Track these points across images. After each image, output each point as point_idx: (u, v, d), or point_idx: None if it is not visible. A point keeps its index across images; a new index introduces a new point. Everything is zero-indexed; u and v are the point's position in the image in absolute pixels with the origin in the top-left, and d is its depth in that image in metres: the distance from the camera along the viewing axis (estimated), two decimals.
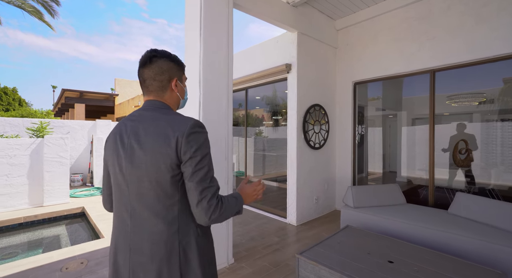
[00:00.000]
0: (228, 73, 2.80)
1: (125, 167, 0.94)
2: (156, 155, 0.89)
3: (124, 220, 0.95)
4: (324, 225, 3.90)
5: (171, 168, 0.89)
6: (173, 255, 0.90)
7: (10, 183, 4.63)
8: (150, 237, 0.90)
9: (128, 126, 0.98)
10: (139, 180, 0.92)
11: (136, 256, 0.91)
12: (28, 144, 4.80)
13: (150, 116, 0.98)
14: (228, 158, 2.78)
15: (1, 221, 4.14)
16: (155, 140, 0.91)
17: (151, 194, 0.91)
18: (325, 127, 4.46)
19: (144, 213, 0.92)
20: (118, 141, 0.98)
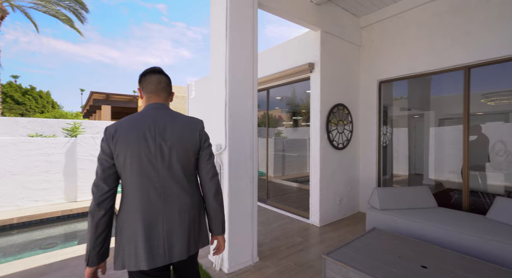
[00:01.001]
0: (253, 72, 2.83)
1: (155, 156, 1.18)
2: (185, 144, 1.24)
3: (153, 201, 1.18)
4: (348, 226, 3.82)
5: (194, 153, 1.28)
6: (195, 221, 1.27)
7: (49, 179, 4.97)
8: (179, 209, 1.22)
9: (150, 120, 1.21)
10: (170, 165, 1.21)
11: (168, 225, 1.20)
12: (63, 143, 5.13)
13: (165, 114, 1.26)
14: (253, 157, 2.81)
15: (41, 214, 4.46)
16: (182, 134, 1.24)
17: (181, 175, 1.24)
18: (349, 127, 4.36)
19: (176, 190, 1.22)
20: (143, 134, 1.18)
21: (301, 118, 5.01)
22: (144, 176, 1.18)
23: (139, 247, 1.15)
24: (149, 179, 1.18)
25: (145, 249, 1.15)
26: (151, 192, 1.18)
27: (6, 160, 4.59)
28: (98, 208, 1.14)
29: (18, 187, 4.68)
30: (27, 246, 3.89)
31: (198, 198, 1.31)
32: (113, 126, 1.20)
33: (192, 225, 1.26)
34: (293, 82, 4.56)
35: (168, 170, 1.21)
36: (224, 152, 2.63)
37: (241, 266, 2.64)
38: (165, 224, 1.19)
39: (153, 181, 1.19)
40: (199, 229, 1.30)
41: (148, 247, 1.15)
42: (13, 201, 4.64)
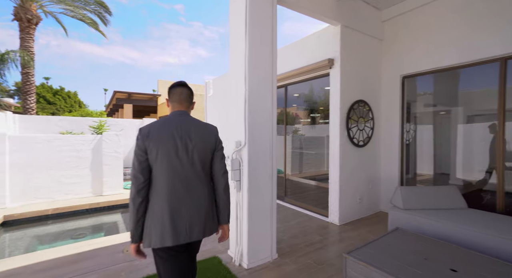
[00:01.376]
0: (273, 69, 2.82)
1: (181, 153, 1.43)
2: (205, 145, 1.50)
3: (178, 189, 1.42)
4: (369, 226, 3.73)
5: (211, 153, 1.55)
6: (208, 210, 1.50)
7: (78, 174, 5.28)
8: (198, 197, 1.46)
9: (178, 124, 1.47)
10: (193, 161, 1.46)
11: (190, 211, 1.43)
12: (90, 140, 5.42)
13: (187, 120, 1.52)
14: (272, 155, 2.81)
15: (72, 206, 4.76)
16: (203, 136, 1.50)
17: (200, 170, 1.49)
18: (370, 124, 4.24)
19: (196, 182, 1.47)
20: (172, 133, 1.43)
21: (319, 115, 4.93)
22: (172, 168, 1.41)
23: (166, 227, 1.37)
24: (175, 171, 1.42)
25: (170, 228, 1.37)
26: (177, 183, 1.42)
27: (42, 155, 4.93)
28: (138, 195, 1.38)
29: (52, 180, 5.01)
30: (60, 235, 4.17)
31: (210, 191, 1.56)
32: (147, 127, 1.44)
33: (206, 213, 1.49)
34: (312, 78, 4.50)
35: (191, 165, 1.46)
36: (243, 148, 2.65)
37: (260, 262, 2.66)
38: (187, 210, 1.43)
39: (179, 173, 1.43)
40: (212, 217, 1.53)
41: (173, 227, 1.38)
42: (48, 194, 4.98)
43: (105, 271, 2.51)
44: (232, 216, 2.85)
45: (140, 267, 2.56)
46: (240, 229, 2.70)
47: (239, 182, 2.70)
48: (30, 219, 4.38)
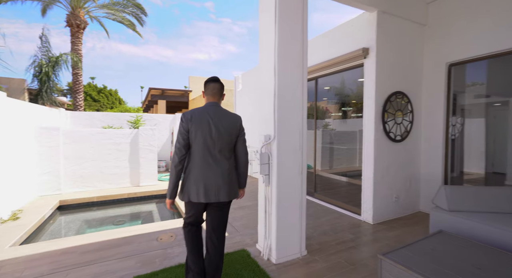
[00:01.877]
0: (303, 62, 2.71)
1: (214, 135, 1.85)
2: (231, 130, 1.92)
3: (209, 163, 1.86)
4: (406, 227, 3.48)
5: (235, 136, 1.96)
6: (231, 180, 1.93)
7: (118, 165, 5.70)
8: (223, 170, 1.88)
9: (211, 113, 1.89)
10: (221, 142, 1.87)
11: (217, 179, 1.85)
12: (128, 134, 5.80)
13: (218, 109, 1.94)
14: (302, 149, 2.73)
15: (113, 195, 5.17)
16: (229, 122, 1.92)
17: (226, 149, 1.92)
18: (409, 118, 3.91)
19: (221, 158, 1.90)
20: (207, 119, 1.86)
21: (350, 109, 4.68)
22: (206, 146, 1.85)
23: (200, 189, 1.82)
24: (208, 149, 1.86)
25: (204, 190, 1.83)
26: (208, 157, 1.86)
27: (87, 147, 5.40)
28: (179, 164, 1.83)
29: (97, 170, 5.48)
30: (104, 221, 4.56)
31: (232, 166, 1.98)
32: (190, 113, 1.88)
33: (230, 181, 1.92)
34: (344, 70, 4.26)
35: (220, 145, 1.88)
36: (273, 142, 2.61)
37: (288, 258, 2.63)
38: (215, 178, 1.86)
39: (210, 150, 1.86)
40: (234, 186, 1.97)
41: (206, 190, 1.83)
42: (93, 182, 5.46)
43: (142, 256, 2.67)
44: (260, 209, 2.85)
45: (172, 256, 2.69)
46: (269, 223, 2.68)
47: (268, 176, 2.67)
48: (80, 205, 4.85)
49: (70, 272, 2.40)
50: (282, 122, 2.59)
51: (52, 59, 5.96)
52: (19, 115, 4.39)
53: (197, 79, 16.55)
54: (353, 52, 3.81)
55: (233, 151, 2.00)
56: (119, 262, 2.57)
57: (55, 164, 5.04)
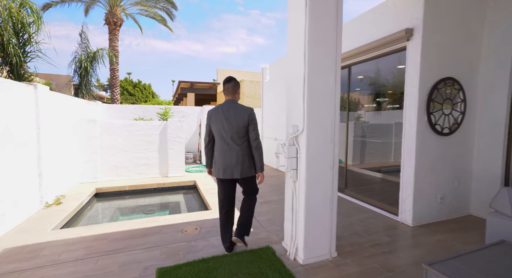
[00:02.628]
0: (337, 45, 2.43)
1: (225, 126, 2.37)
2: (239, 121, 2.36)
3: (225, 148, 2.42)
4: (454, 232, 3.07)
5: (245, 126, 2.38)
6: (244, 161, 2.41)
7: (148, 156, 5.91)
8: (235, 153, 2.38)
9: (225, 109, 2.41)
10: (231, 131, 2.36)
11: (231, 160, 2.37)
12: (158, 125, 5.95)
13: (232, 105, 2.44)
14: (334, 142, 2.48)
15: (144, 185, 5.37)
16: (239, 115, 2.36)
17: (236, 137, 2.38)
18: (460, 108, 3.41)
19: (233, 144, 2.39)
20: (220, 115, 2.40)
21: (386, 100, 4.24)
22: (221, 136, 2.44)
23: (220, 168, 2.44)
24: (222, 137, 2.44)
25: (222, 169, 2.43)
26: (224, 144, 2.44)
27: (120, 139, 5.66)
28: (207, 147, 2.59)
29: (128, 160, 5.73)
30: (135, 209, 4.75)
31: (244, 149, 2.45)
32: (211, 111, 2.50)
33: (241, 162, 2.42)
34: (381, 56, 3.83)
35: (230, 133, 2.41)
36: (301, 134, 2.41)
37: (317, 259, 2.44)
38: (230, 160, 2.41)
39: (224, 138, 2.44)
40: (247, 166, 2.46)
41: (224, 169, 2.43)
42: (126, 172, 5.73)
43: (166, 248, 2.68)
44: (287, 206, 2.68)
45: (196, 249, 2.66)
46: (296, 220, 2.51)
47: (295, 170, 2.48)
48: (113, 193, 5.12)
49: (100, 258, 2.48)
50: (312, 113, 2.37)
51: (90, 54, 6.29)
52: (61, 107, 4.69)
53: (224, 71, 16.62)
54: (393, 35, 3.38)
55: (245, 138, 2.45)
56: (144, 252, 2.60)
57: (92, 153, 5.35)
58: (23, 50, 4.29)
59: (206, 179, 5.83)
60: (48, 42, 4.67)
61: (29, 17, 4.37)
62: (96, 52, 6.45)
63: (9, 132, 3.17)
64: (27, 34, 4.34)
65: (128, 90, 33.11)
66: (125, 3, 14.47)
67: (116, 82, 13.82)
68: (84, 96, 6.31)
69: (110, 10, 13.73)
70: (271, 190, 5.02)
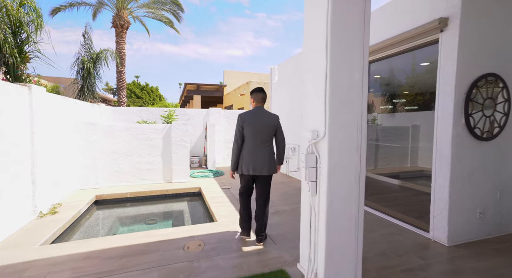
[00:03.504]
0: (364, 35, 2.06)
1: (258, 130, 2.73)
2: (269, 127, 2.78)
3: (255, 149, 2.75)
4: (501, 255, 2.61)
5: (273, 130, 2.82)
6: (270, 159, 2.79)
7: (151, 161, 5.62)
8: (263, 153, 2.76)
9: (257, 114, 2.79)
10: (261, 135, 2.75)
11: (260, 160, 2.73)
12: (161, 129, 5.66)
13: (262, 112, 2.83)
14: (360, 148, 2.10)
15: (146, 192, 5.07)
16: (268, 121, 2.79)
17: (265, 139, 2.78)
18: (503, 109, 2.96)
19: (262, 146, 2.77)
20: (254, 119, 2.75)
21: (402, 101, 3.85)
22: (253, 139, 2.74)
23: (250, 165, 2.71)
24: (254, 140, 2.74)
25: (252, 166, 2.71)
26: (254, 145, 2.74)
27: (122, 143, 5.39)
28: (237, 149, 2.78)
29: (131, 166, 5.45)
30: (136, 219, 4.45)
31: (271, 151, 2.81)
32: (244, 115, 2.78)
33: (269, 162, 2.76)
34: (407, 50, 3.43)
35: (260, 136, 2.74)
36: (322, 140, 2.03)
37: None
38: (259, 159, 2.72)
39: (256, 140, 2.74)
40: (272, 165, 2.80)
41: (253, 166, 2.71)
42: (128, 178, 5.45)
43: (165, 269, 2.34)
44: (304, 223, 2.31)
45: (198, 272, 2.30)
46: (315, 241, 2.13)
47: (315, 183, 2.11)
48: (114, 200, 4.83)
49: None
50: (335, 115, 2.00)
51: (93, 55, 6.07)
52: (60, 110, 4.44)
53: (231, 73, 16.36)
54: (423, 26, 2.98)
55: (271, 140, 2.83)
56: (141, 274, 2.26)
57: (93, 158, 5.09)
58: (20, 50, 4.06)
59: (211, 185, 5.49)
60: (48, 42, 4.40)
61: (27, 15, 4.15)
62: (100, 53, 6.23)
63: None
64: (25, 33, 4.12)
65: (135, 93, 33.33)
66: (132, 6, 14.47)
67: (122, 85, 13.74)
68: (87, 99, 6.08)
69: (117, 13, 13.73)
70: (281, 198, 4.64)
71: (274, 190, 5.13)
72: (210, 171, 6.93)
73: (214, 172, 6.77)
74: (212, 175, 6.48)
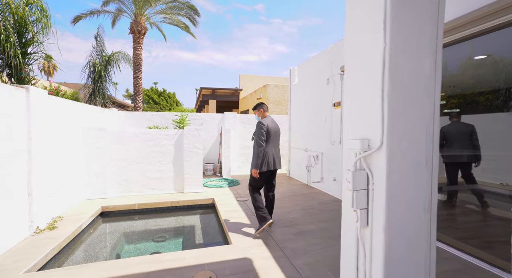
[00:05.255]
0: (439, 6, 1.49)
1: (275, 134, 3.52)
2: (279, 131, 3.62)
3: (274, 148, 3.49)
4: None
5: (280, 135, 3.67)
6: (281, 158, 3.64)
7: (161, 169, 5.22)
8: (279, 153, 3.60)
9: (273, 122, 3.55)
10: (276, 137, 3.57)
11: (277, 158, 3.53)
12: (173, 135, 5.26)
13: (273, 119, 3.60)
14: (432, 164, 1.50)
15: (155, 203, 4.65)
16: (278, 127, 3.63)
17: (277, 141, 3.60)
18: None
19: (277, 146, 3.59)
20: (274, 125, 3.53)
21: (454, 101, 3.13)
22: (272, 141, 3.45)
23: (271, 162, 3.39)
24: (273, 143, 3.48)
25: (273, 163, 3.42)
26: (272, 146, 3.46)
27: (132, 149, 5.04)
28: (261, 149, 3.33)
29: (141, 174, 5.09)
30: (144, 235, 4.01)
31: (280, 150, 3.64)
32: (266, 122, 3.43)
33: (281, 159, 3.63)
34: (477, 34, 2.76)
35: (276, 139, 3.53)
36: (377, 153, 1.46)
37: None
38: (277, 156, 3.51)
39: (274, 143, 3.49)
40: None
41: (274, 163, 3.44)
42: (138, 187, 5.08)
43: None
44: (346, 261, 1.72)
45: None
46: None
47: (365, 211, 1.53)
48: (121, 212, 4.45)
49: None
50: (396, 118, 1.42)
51: (104, 58, 5.85)
52: (66, 115, 4.15)
53: (247, 77, 16.00)
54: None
55: None
56: None
57: (102, 166, 4.77)
58: (25, 51, 3.82)
59: (226, 196, 4.98)
60: (54, 43, 4.15)
61: (33, 14, 3.92)
62: (111, 56, 6.00)
63: None
64: (30, 33, 3.88)
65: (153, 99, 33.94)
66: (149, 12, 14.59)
67: (139, 91, 13.75)
68: (97, 103, 5.84)
69: (134, 19, 13.89)
70: (305, 215, 4.03)
71: (294, 203, 4.55)
72: (225, 180, 6.45)
73: (229, 181, 6.28)
74: (227, 184, 5.99)
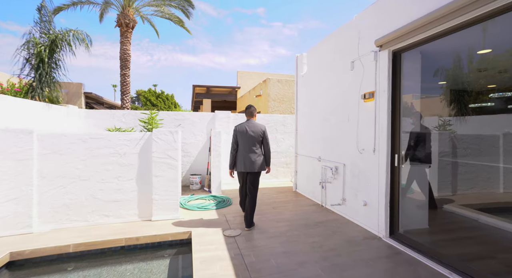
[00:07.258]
0: None
1: (248, 137, 3.68)
2: (256, 135, 3.72)
3: (246, 152, 3.68)
4: None
5: (260, 138, 3.78)
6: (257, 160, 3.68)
7: (120, 188, 3.71)
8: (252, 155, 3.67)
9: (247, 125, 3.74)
10: (251, 140, 3.69)
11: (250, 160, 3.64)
12: (137, 139, 3.76)
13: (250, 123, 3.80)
14: None
15: (101, 242, 3.09)
16: (255, 131, 3.73)
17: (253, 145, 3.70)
18: None
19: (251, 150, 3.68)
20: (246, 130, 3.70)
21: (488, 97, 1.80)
22: (243, 144, 3.67)
23: (241, 165, 3.65)
24: (244, 146, 3.67)
25: (243, 165, 3.64)
26: (244, 150, 3.66)
27: (75, 160, 3.54)
28: (233, 152, 3.76)
29: (88, 196, 3.58)
30: None
31: (259, 153, 3.70)
32: (237, 127, 3.78)
33: (255, 161, 3.64)
34: None
35: (250, 143, 3.66)
36: None
37: None
38: (249, 160, 3.63)
39: (245, 146, 3.66)
40: (260, 164, 3.69)
41: (243, 164, 3.64)
42: (83, 214, 3.57)
43: None
44: None
45: None
46: None
47: None
48: (46, 259, 2.93)
49: None
50: None
51: (50, 37, 4.35)
52: None
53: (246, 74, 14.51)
54: None
55: (260, 145, 3.75)
56: None
57: (24, 185, 3.26)
58: None
59: (210, 227, 3.47)
60: None
61: None
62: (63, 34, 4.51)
63: None
64: None
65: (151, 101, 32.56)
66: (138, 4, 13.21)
67: (127, 89, 12.30)
68: (40, 97, 4.34)
69: (122, 11, 12.51)
70: (327, 269, 2.46)
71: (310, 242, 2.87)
72: (213, 198, 4.92)
73: (219, 200, 4.75)
74: (214, 205, 4.47)
